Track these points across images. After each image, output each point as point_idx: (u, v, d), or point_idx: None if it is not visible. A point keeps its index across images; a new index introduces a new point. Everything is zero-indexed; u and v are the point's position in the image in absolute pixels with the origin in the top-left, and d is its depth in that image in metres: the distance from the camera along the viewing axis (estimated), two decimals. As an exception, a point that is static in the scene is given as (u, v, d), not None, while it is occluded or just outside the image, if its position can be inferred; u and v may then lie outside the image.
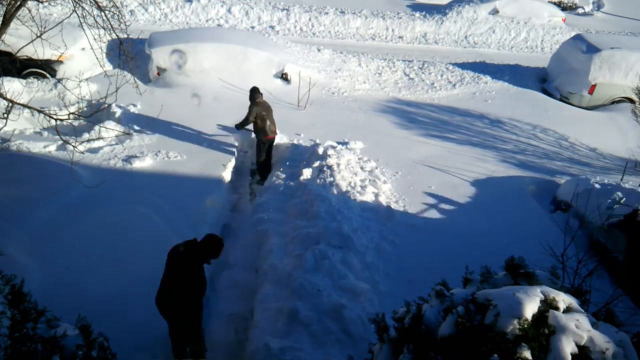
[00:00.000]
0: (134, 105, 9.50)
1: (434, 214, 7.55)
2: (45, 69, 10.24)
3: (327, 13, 16.92)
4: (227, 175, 8.03)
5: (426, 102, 11.57)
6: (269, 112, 8.37)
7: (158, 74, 10.73)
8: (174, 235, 6.39)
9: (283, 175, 7.99)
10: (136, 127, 8.78)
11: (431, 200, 7.81)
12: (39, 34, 6.54)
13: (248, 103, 8.45)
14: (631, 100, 11.54)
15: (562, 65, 12.76)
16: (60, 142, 7.72)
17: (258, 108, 8.25)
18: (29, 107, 7.40)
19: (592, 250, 6.35)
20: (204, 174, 7.84)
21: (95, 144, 8.03)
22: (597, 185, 7.63)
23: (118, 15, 7.20)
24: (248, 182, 8.70)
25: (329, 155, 8.12)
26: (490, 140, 10.04)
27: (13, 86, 8.76)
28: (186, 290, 4.57)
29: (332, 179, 7.63)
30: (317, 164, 8.02)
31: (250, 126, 8.56)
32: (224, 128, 9.25)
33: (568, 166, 9.31)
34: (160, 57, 10.65)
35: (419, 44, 16.48)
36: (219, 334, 5.54)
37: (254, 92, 8.38)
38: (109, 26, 6.99)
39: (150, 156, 7.89)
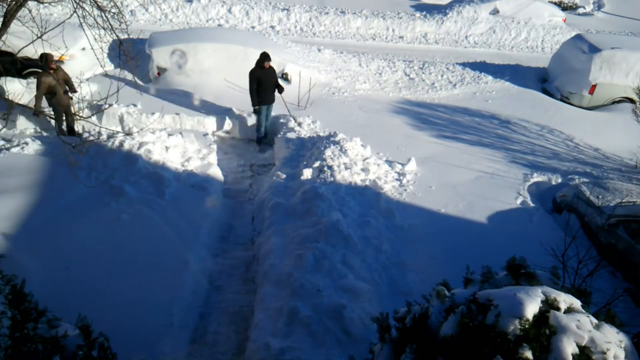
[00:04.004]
0: (135, 105, 9.50)
1: (434, 213, 7.55)
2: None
3: (327, 13, 16.92)
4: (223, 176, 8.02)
5: (426, 101, 11.57)
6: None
7: (158, 74, 10.73)
8: (173, 235, 6.41)
9: (283, 176, 7.98)
10: (136, 127, 8.78)
11: (432, 200, 7.81)
12: (39, 35, 6.54)
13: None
14: (631, 101, 11.53)
15: (563, 65, 12.75)
16: (60, 142, 7.72)
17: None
18: (30, 107, 7.42)
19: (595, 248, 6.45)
20: (204, 174, 7.84)
21: (95, 144, 8.03)
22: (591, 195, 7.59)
23: (118, 16, 7.21)
24: (248, 182, 8.71)
25: (331, 157, 8.12)
26: (492, 139, 10.04)
27: (13, 86, 8.77)
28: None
29: (332, 179, 7.63)
30: (317, 164, 8.02)
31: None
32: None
33: (573, 167, 9.30)
34: (161, 57, 10.65)
35: (420, 44, 16.48)
36: (219, 333, 5.54)
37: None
38: (110, 26, 7.00)
39: (150, 156, 7.88)
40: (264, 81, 9.13)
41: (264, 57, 9.10)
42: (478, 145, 9.75)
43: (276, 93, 9.47)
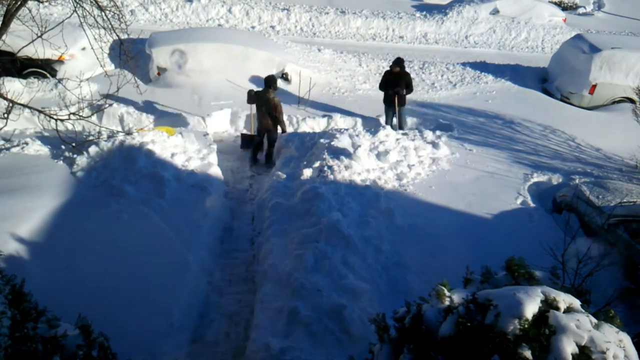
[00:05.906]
0: (135, 105, 9.51)
1: (434, 213, 7.54)
2: (45, 68, 10.24)
3: (327, 13, 16.92)
4: (224, 175, 8.02)
5: (427, 101, 11.57)
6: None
7: (158, 73, 10.73)
8: (173, 235, 6.41)
9: (283, 176, 7.99)
10: (136, 127, 8.79)
11: (432, 200, 7.80)
12: (39, 34, 6.55)
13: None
14: (632, 101, 11.53)
15: (563, 65, 12.74)
16: (60, 142, 7.72)
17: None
18: (30, 107, 7.43)
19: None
20: (204, 174, 7.84)
21: (95, 144, 8.03)
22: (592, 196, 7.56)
23: (118, 15, 7.22)
24: (248, 182, 8.71)
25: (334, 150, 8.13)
26: (495, 139, 10.03)
27: (13, 86, 8.77)
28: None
29: (332, 178, 7.63)
30: (317, 164, 8.02)
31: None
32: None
33: (574, 167, 9.28)
34: (161, 57, 10.65)
35: (420, 44, 16.48)
36: (219, 334, 5.54)
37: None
38: (110, 26, 7.01)
39: (150, 156, 7.88)
40: (391, 84, 9.82)
41: (396, 61, 9.87)
42: (479, 145, 9.73)
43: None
